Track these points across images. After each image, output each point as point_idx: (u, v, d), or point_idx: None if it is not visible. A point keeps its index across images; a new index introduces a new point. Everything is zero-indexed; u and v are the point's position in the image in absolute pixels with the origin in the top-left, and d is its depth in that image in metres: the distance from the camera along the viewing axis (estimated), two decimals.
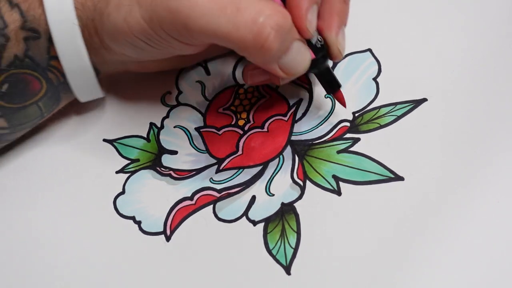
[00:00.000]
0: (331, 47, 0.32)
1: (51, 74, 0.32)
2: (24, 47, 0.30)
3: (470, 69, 0.35)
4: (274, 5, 0.28)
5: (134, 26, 0.29)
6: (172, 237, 0.32)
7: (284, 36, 0.28)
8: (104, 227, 0.33)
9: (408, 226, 0.30)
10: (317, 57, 0.31)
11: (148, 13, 0.29)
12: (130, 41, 0.30)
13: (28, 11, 0.30)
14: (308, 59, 0.30)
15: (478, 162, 0.32)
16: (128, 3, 0.29)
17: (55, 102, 0.34)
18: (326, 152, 0.33)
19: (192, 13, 0.27)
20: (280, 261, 0.30)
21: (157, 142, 0.36)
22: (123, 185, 0.34)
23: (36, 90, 0.32)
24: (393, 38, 0.37)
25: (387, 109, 0.34)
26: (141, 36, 0.30)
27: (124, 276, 0.31)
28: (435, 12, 0.38)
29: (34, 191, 0.34)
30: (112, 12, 0.29)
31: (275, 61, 0.29)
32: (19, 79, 0.31)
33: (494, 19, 0.37)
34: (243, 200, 0.33)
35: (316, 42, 0.31)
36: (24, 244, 0.32)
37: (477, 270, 0.28)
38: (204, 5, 0.27)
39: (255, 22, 0.27)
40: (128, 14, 0.29)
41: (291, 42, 0.29)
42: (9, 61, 0.30)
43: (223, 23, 0.27)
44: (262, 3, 0.28)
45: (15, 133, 0.34)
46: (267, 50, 0.28)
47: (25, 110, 0.32)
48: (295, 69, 0.30)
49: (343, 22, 0.32)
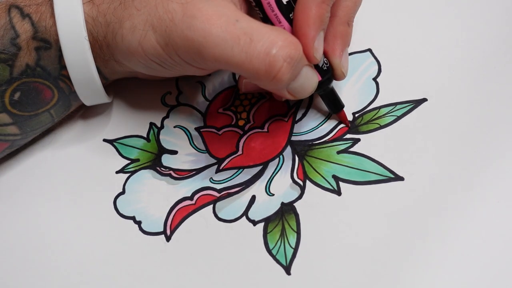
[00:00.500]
0: (335, 70, 0.32)
1: (62, 83, 0.32)
2: (35, 57, 0.31)
3: (470, 69, 0.35)
4: (286, 35, 0.29)
5: (148, 50, 0.30)
6: (172, 237, 0.32)
7: (295, 67, 0.29)
8: (104, 227, 0.33)
9: (408, 226, 0.30)
10: (322, 79, 0.32)
11: (163, 39, 0.29)
12: (144, 62, 0.31)
13: (39, 22, 0.31)
14: (315, 82, 0.31)
15: (478, 162, 0.32)
16: (142, 28, 0.29)
17: (66, 108, 0.34)
18: (326, 152, 0.33)
19: (206, 42, 0.28)
20: (280, 261, 0.30)
21: (157, 142, 0.36)
22: (123, 185, 0.34)
23: (48, 98, 0.32)
24: (393, 38, 0.37)
25: (387, 109, 0.34)
26: (155, 59, 0.30)
27: (124, 276, 0.31)
28: (435, 12, 0.38)
29: (34, 191, 0.34)
30: (126, 35, 0.30)
31: (285, 87, 0.30)
32: (31, 87, 0.31)
33: (494, 19, 0.37)
34: (243, 200, 0.33)
35: (323, 65, 0.32)
36: (24, 243, 0.33)
37: (477, 270, 0.28)
38: (218, 35, 0.28)
39: (268, 54, 0.28)
40: (143, 38, 0.29)
41: (300, 69, 0.30)
42: (21, 70, 0.31)
43: (237, 54, 0.28)
44: (275, 34, 0.28)
45: (26, 139, 0.34)
46: (278, 81, 0.28)
47: (37, 117, 0.33)
48: (303, 92, 0.31)
49: (346, 44, 0.33)
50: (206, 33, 0.28)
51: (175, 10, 0.29)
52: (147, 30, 0.29)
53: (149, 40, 0.29)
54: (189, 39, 0.28)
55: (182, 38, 0.28)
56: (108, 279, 0.31)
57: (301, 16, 0.30)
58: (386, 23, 0.38)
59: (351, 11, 0.32)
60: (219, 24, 0.28)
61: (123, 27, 0.30)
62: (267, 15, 0.30)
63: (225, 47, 0.28)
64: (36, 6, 0.31)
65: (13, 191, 0.35)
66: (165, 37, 0.29)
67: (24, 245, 0.32)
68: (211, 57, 0.28)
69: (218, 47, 0.28)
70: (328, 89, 0.33)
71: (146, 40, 0.29)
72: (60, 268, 0.31)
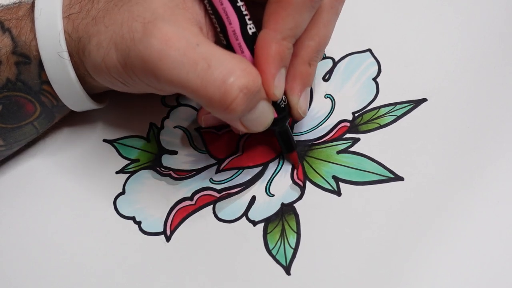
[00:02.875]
0: (293, 109, 0.32)
1: (44, 98, 0.32)
2: (16, 71, 0.31)
3: (470, 69, 0.35)
4: (246, 65, 0.27)
5: (111, 68, 0.29)
6: (172, 237, 0.32)
7: (251, 98, 0.28)
8: (104, 227, 0.33)
9: (408, 226, 0.30)
10: (279, 116, 0.31)
11: (123, 58, 0.28)
12: (109, 79, 0.30)
13: (19, 36, 0.30)
14: (271, 118, 0.30)
15: (478, 162, 0.32)
16: (106, 45, 0.29)
17: (50, 120, 0.34)
18: (326, 152, 0.33)
19: (162, 65, 0.27)
20: (280, 261, 0.30)
21: (157, 142, 0.36)
22: (123, 185, 0.34)
23: (30, 112, 0.32)
24: (393, 38, 0.37)
25: (387, 109, 0.34)
26: (117, 77, 0.30)
27: (124, 276, 0.31)
28: (435, 13, 0.38)
29: (35, 191, 0.34)
30: (92, 51, 0.29)
31: (238, 119, 0.29)
32: (12, 101, 0.31)
33: (493, 19, 0.37)
34: (243, 200, 0.33)
35: (281, 102, 0.31)
36: (25, 243, 0.33)
37: (477, 270, 0.28)
38: (176, 58, 0.27)
39: (224, 82, 0.26)
40: (106, 55, 0.29)
41: (257, 103, 0.29)
42: (2, 83, 0.31)
43: (192, 79, 0.27)
44: (234, 62, 0.27)
45: (11, 149, 0.34)
46: (232, 111, 0.27)
47: (20, 129, 0.33)
48: (256, 127, 0.30)
49: (306, 85, 0.32)
50: (162, 55, 0.27)
51: (136, 29, 0.28)
52: (110, 48, 0.29)
53: (111, 58, 0.29)
54: (145, 60, 0.27)
55: (138, 58, 0.27)
56: (108, 279, 0.31)
57: (261, 52, 0.29)
58: (386, 23, 0.38)
59: (314, 51, 0.31)
60: (178, 47, 0.27)
61: (91, 43, 0.29)
62: (231, 43, 0.29)
63: (180, 71, 0.27)
64: (16, 21, 0.31)
65: (13, 191, 0.35)
66: (124, 56, 0.28)
67: (24, 245, 0.32)
68: (166, 80, 0.27)
69: (174, 71, 0.27)
70: (284, 127, 0.32)
71: (109, 58, 0.29)
72: (60, 268, 0.31)
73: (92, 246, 0.32)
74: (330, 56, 0.37)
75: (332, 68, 0.37)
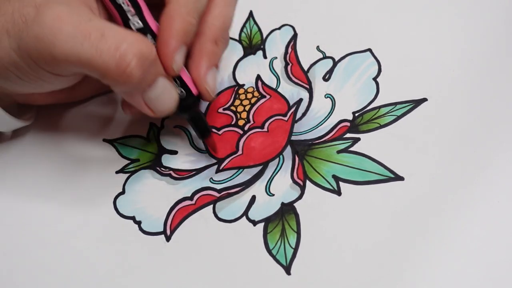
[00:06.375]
0: (199, 86, 0.32)
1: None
2: None
3: (470, 69, 0.35)
4: (139, 36, 0.29)
5: (4, 57, 0.29)
6: (172, 237, 0.32)
7: (146, 66, 0.28)
8: (104, 227, 0.33)
9: (408, 226, 0.30)
10: (187, 102, 0.31)
11: (16, 42, 0.28)
12: (2, 72, 0.30)
13: None
14: (175, 98, 0.31)
15: (478, 162, 0.32)
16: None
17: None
18: (326, 152, 0.33)
19: (56, 40, 0.27)
20: (280, 261, 0.30)
21: (157, 142, 0.36)
22: (123, 185, 0.34)
23: None
24: (393, 38, 0.37)
25: (387, 109, 0.34)
26: (11, 68, 0.29)
27: (124, 276, 0.31)
28: (435, 12, 0.38)
29: (35, 191, 0.34)
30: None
31: (139, 93, 0.29)
32: None
33: (493, 19, 0.37)
34: (243, 200, 0.33)
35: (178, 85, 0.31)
36: (24, 243, 0.33)
37: (477, 270, 0.28)
38: (69, 31, 0.27)
39: (117, 49, 0.27)
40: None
41: (155, 76, 0.29)
42: None
43: (87, 49, 0.27)
44: (127, 32, 0.28)
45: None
46: (128, 77, 0.28)
47: None
48: (161, 107, 0.30)
49: (213, 64, 0.32)
50: (55, 30, 0.27)
51: (29, 13, 0.28)
52: (2, 35, 0.28)
53: (3, 46, 0.29)
54: (39, 37, 0.27)
55: (32, 37, 0.28)
56: (108, 279, 0.31)
57: (165, 26, 0.30)
58: (386, 23, 0.38)
59: (219, 29, 0.32)
60: (70, 22, 0.27)
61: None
62: None
63: (75, 43, 0.27)
64: None
65: (13, 191, 0.35)
66: (17, 40, 0.28)
67: (23, 245, 0.32)
68: (61, 54, 0.27)
69: (68, 43, 0.27)
70: (194, 113, 0.33)
71: (1, 47, 0.29)
72: (60, 268, 0.31)
73: (92, 246, 0.32)
74: (330, 56, 0.37)
75: (332, 68, 0.37)
